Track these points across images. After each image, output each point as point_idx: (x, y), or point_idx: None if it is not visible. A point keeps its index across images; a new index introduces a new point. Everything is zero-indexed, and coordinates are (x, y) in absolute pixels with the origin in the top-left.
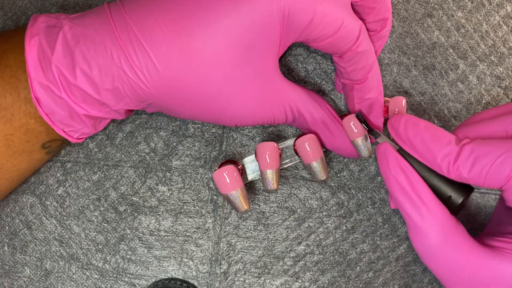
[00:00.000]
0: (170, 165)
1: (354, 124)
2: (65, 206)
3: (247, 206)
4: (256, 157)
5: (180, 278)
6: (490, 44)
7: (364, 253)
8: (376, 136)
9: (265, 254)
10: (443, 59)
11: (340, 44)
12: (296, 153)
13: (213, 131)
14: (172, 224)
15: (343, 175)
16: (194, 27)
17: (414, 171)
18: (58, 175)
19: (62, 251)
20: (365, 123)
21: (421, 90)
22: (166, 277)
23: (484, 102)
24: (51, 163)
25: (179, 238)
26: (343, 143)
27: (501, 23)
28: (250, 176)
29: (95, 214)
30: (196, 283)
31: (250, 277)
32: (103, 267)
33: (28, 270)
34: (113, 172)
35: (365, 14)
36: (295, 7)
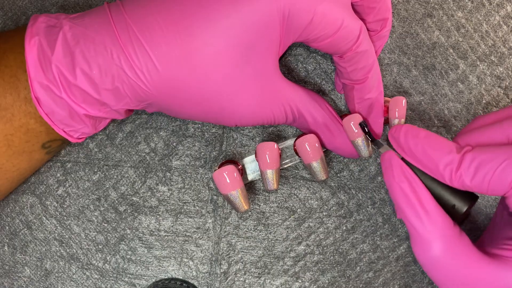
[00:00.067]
0: (170, 165)
1: (354, 124)
2: (65, 206)
3: (247, 206)
4: (256, 157)
5: (180, 278)
6: (490, 44)
7: (364, 253)
8: (379, 147)
9: (265, 254)
10: (443, 59)
11: (340, 44)
12: (296, 153)
13: (213, 131)
14: (172, 224)
15: (343, 175)
16: (194, 27)
17: (418, 180)
18: (58, 175)
19: (62, 251)
20: (369, 133)
21: (421, 90)
22: (166, 277)
23: (484, 102)
24: (51, 163)
25: (179, 238)
26: (343, 143)
27: (501, 23)
28: (250, 176)
29: (95, 214)
30: (196, 283)
31: (250, 277)
32: (103, 267)
33: (28, 270)
34: (113, 172)
35: (365, 14)
36: (295, 7)
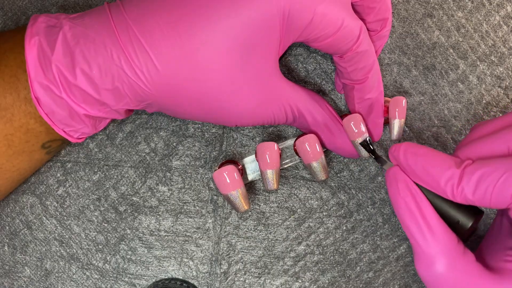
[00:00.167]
0: (170, 165)
1: (354, 124)
2: (65, 206)
3: (247, 206)
4: (256, 157)
5: (180, 278)
6: (490, 44)
7: (364, 253)
8: (382, 164)
9: (265, 254)
10: (443, 59)
11: (340, 44)
12: (296, 153)
13: (213, 131)
14: (172, 224)
15: (343, 175)
16: (194, 27)
17: (423, 196)
18: (58, 175)
19: (62, 251)
20: (373, 151)
21: (421, 90)
22: (166, 277)
23: (484, 102)
24: (51, 163)
25: (179, 238)
26: (344, 143)
27: (501, 23)
28: (250, 176)
29: (95, 214)
30: (196, 283)
31: (250, 277)
32: (103, 267)
33: (28, 270)
34: (113, 172)
35: (365, 14)
36: (295, 7)
